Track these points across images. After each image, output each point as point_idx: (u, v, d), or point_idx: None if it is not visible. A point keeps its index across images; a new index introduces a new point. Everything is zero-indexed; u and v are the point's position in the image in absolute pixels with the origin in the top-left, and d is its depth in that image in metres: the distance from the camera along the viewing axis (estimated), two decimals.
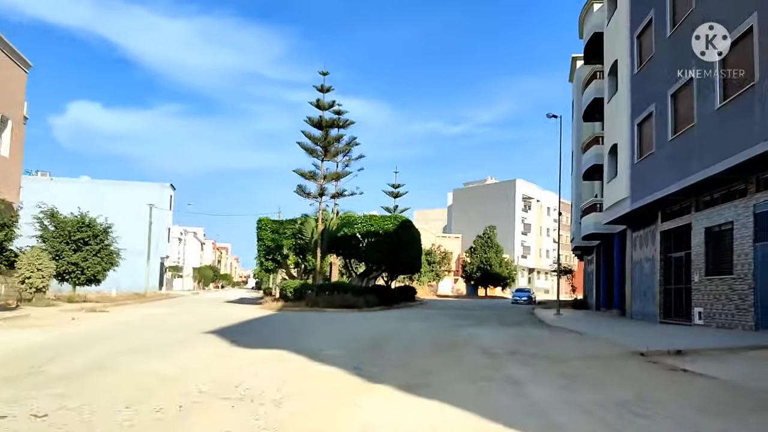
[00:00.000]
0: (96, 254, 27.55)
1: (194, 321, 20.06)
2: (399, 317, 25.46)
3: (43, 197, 56.98)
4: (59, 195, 57.43)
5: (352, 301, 29.85)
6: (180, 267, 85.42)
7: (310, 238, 32.16)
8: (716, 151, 15.90)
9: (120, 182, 58.59)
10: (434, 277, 73.45)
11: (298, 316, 23.82)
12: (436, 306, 41.90)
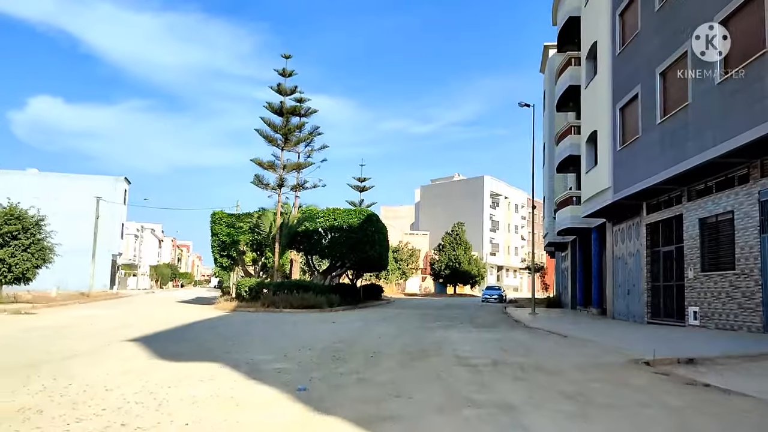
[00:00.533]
0: (25, 250, 24.74)
1: (127, 324, 17.61)
2: (363, 318, 23.36)
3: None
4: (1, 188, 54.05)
5: (313, 301, 27.64)
6: (136, 265, 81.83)
7: (267, 233, 29.80)
8: (717, 131, 14.17)
9: (70, 175, 55.20)
10: (402, 275, 71.57)
11: (251, 318, 21.52)
12: (403, 305, 39.90)
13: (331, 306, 29.63)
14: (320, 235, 31.71)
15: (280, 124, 28.68)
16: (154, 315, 22.74)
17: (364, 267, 36.52)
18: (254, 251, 33.48)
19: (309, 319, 21.96)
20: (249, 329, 16.72)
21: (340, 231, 31.40)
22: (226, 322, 19.37)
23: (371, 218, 32.03)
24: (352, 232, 31.10)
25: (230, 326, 17.77)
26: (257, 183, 28.24)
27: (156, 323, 18.35)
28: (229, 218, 32.46)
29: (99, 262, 55.01)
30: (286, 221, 30.08)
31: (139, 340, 12.98)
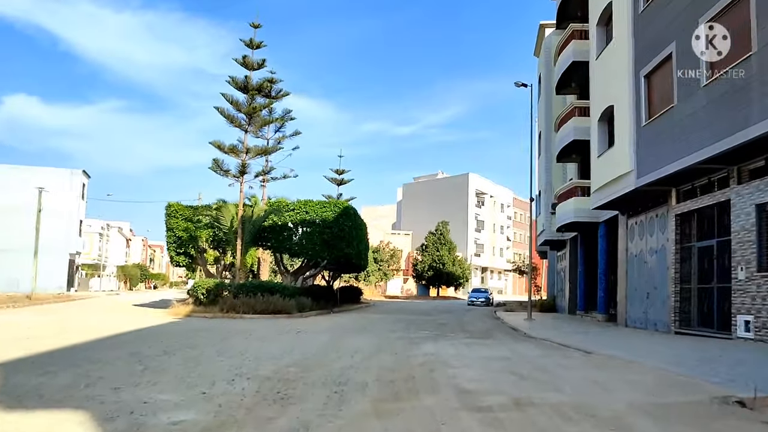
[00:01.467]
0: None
1: (35, 335, 13.82)
2: (336, 326, 19.73)
3: None
4: None
5: (280, 305, 23.93)
6: (101, 265, 77.25)
7: (228, 228, 26.04)
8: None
9: (19, 167, 50.79)
10: (382, 277, 67.96)
11: (198, 327, 17.76)
12: (384, 309, 36.31)
13: (302, 311, 25.95)
14: (290, 230, 28.00)
15: (244, 102, 24.85)
16: (88, 322, 18.91)
17: (340, 267, 32.86)
18: (215, 249, 29.65)
19: (270, 327, 18.26)
20: (184, 344, 13.00)
21: (312, 226, 27.73)
22: (164, 333, 15.61)
23: (348, 212, 28.40)
24: (327, 227, 27.45)
25: (163, 339, 14.02)
26: (216, 169, 24.43)
27: (76, 334, 14.61)
28: (186, 211, 28.60)
29: (54, 261, 50.78)
30: (250, 214, 26.34)
31: (8, 365, 9.22)
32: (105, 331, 15.48)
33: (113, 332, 15.36)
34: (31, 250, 50.00)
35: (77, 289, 55.78)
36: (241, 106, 24.50)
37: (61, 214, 51.60)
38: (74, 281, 55.87)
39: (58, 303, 33.70)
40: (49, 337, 13.55)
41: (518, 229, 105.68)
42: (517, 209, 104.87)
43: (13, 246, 45.29)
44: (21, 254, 48.74)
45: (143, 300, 38.54)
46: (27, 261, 49.55)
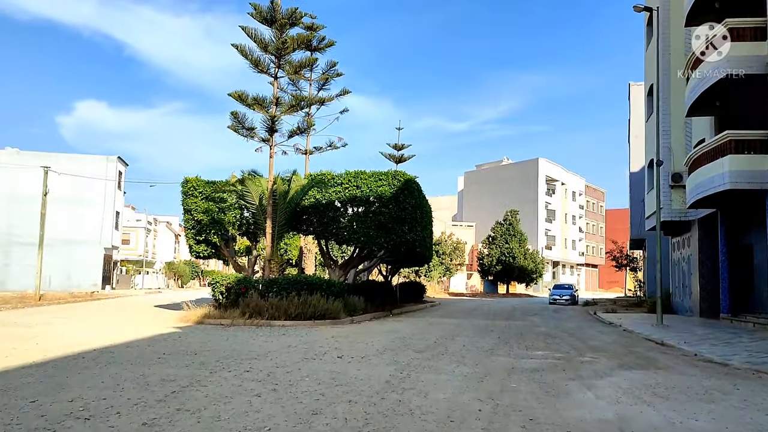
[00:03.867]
0: None
1: None
2: (399, 340, 13.42)
3: None
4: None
5: (323, 308, 17.89)
6: (149, 261, 73.62)
7: (257, 206, 20.13)
8: None
9: (53, 154, 46.58)
10: (445, 272, 61.29)
11: (186, 346, 11.76)
12: (454, 309, 29.86)
13: (353, 313, 19.89)
14: (337, 211, 21.87)
15: (272, 39, 18.68)
16: (55, 336, 13.25)
17: (400, 258, 26.55)
18: (245, 235, 23.80)
19: (299, 345, 12.12)
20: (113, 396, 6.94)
21: (365, 204, 21.52)
22: (118, 361, 9.63)
23: (410, 187, 22.05)
24: (384, 206, 21.20)
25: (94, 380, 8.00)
26: (236, 127, 18.36)
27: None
28: (207, 187, 22.79)
29: (87, 256, 46.52)
30: (285, 189, 20.36)
31: None
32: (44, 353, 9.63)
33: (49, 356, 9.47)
34: (64, 244, 46.02)
35: (115, 287, 51.52)
36: (267, 44, 18.43)
37: (94, 204, 47.28)
38: (112, 278, 51.59)
39: (72, 303, 28.72)
40: None
41: (591, 219, 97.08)
42: (589, 198, 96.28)
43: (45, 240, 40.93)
44: (54, 248, 44.61)
45: (174, 299, 33.22)
46: (60, 256, 45.52)
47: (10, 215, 44.79)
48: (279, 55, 18.62)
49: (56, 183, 44.01)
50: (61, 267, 45.40)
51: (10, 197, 45.00)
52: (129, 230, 70.15)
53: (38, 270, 27.33)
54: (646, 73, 29.13)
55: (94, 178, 46.66)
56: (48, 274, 44.44)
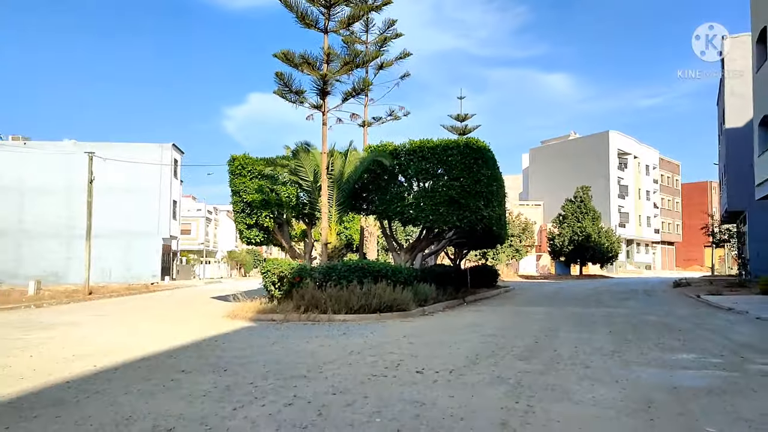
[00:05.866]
0: None
1: None
2: (490, 341, 10.63)
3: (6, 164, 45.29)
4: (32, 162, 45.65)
5: (390, 298, 15.28)
6: (210, 251, 73.15)
7: (311, 183, 17.65)
8: None
9: (108, 144, 45.70)
10: (514, 254, 57.77)
11: (237, 350, 9.35)
12: (534, 295, 26.81)
13: (423, 304, 17.22)
14: (401, 186, 19.17)
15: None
16: (92, 341, 11.17)
17: (472, 239, 23.63)
18: (300, 218, 21.42)
19: (364, 349, 9.51)
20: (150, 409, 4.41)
21: (433, 177, 18.74)
22: (112, 390, 7.24)
23: (485, 154, 19.09)
24: (454, 179, 18.35)
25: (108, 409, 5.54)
26: (282, 90, 15.82)
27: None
28: (257, 164, 20.41)
29: (145, 247, 45.61)
30: (342, 164, 17.80)
31: None
32: (18, 380, 7.35)
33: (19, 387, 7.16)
34: (123, 235, 45.16)
35: (175, 278, 50.66)
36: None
37: (151, 194, 46.27)
38: (171, 269, 50.73)
39: (124, 297, 27.26)
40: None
41: (666, 194, 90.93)
42: (663, 171, 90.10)
43: (102, 231, 40.10)
44: (113, 240, 43.95)
45: (232, 289, 31.36)
46: (119, 247, 44.78)
47: (70, 208, 44.17)
48: (328, 5, 15.94)
49: (112, 173, 43.19)
50: (121, 259, 44.69)
51: (70, 189, 44.35)
52: (189, 220, 69.72)
53: (86, 262, 25.87)
54: (755, 14, 24.96)
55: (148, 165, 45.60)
56: (108, 267, 43.88)
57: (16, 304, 19.41)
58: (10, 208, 44.54)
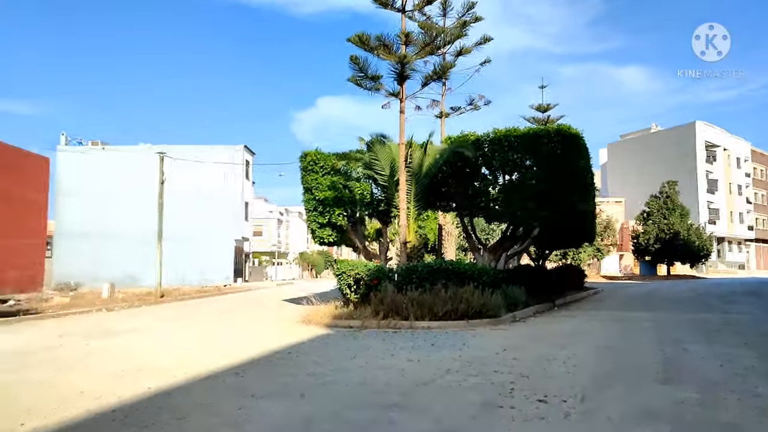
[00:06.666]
0: None
1: None
2: (604, 355, 8.93)
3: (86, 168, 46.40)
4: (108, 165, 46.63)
5: (478, 303, 13.72)
6: (282, 252, 73.31)
7: (387, 177, 16.31)
8: None
9: (181, 147, 46.01)
10: (595, 253, 54.73)
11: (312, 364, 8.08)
12: (624, 297, 24.59)
13: (513, 309, 15.54)
14: (485, 180, 17.57)
15: None
16: (123, 353, 10.24)
17: (558, 237, 21.65)
18: (375, 216, 20.11)
19: (462, 367, 8.03)
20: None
21: (521, 169, 17.05)
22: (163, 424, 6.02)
23: (577, 143, 17.27)
24: (545, 171, 16.58)
25: None
26: (357, 77, 14.52)
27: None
28: (330, 159, 19.24)
29: (218, 249, 45.66)
30: (421, 157, 16.38)
31: None
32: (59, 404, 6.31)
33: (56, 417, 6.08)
34: (195, 238, 45.44)
35: (248, 279, 50.65)
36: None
37: (222, 196, 46.31)
38: (244, 270, 50.74)
39: (196, 299, 26.87)
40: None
41: (760, 188, 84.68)
42: (756, 164, 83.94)
43: (176, 234, 40.33)
44: (186, 242, 44.15)
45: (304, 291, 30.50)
46: (192, 250, 44.97)
47: (146, 211, 44.69)
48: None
49: (185, 175, 43.39)
50: (195, 261, 44.84)
51: (147, 193, 44.87)
52: (261, 222, 70.05)
53: (158, 265, 25.58)
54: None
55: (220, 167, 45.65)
56: (182, 269, 44.06)
57: (88, 308, 19.02)
58: (91, 211, 45.53)
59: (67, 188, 45.89)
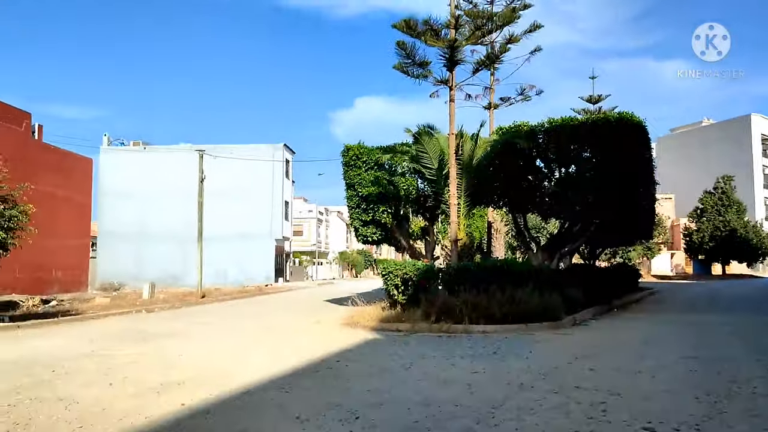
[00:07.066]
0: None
1: None
2: (703, 370, 7.71)
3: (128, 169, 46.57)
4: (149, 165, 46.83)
5: (538, 305, 12.65)
6: (322, 252, 72.94)
7: (436, 171, 15.29)
8: None
9: (221, 146, 45.78)
10: (645, 252, 52.63)
11: (365, 376, 7.17)
12: (683, 298, 23.20)
13: (572, 312, 14.43)
14: (539, 172, 16.44)
15: None
16: (154, 364, 9.52)
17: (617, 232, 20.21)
18: (421, 213, 19.13)
19: (535, 379, 7.00)
20: None
21: (579, 162, 15.87)
22: None
23: (641, 131, 16.00)
24: (605, 162, 15.36)
25: None
26: (404, 64, 13.53)
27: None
28: (373, 153, 18.32)
29: (258, 249, 45.29)
30: (471, 149, 15.36)
31: None
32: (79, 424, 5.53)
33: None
34: (237, 237, 45.16)
35: (288, 279, 50.23)
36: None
37: (263, 195, 45.94)
38: (284, 270, 50.34)
39: (237, 300, 26.35)
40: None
41: None
42: None
43: (217, 233, 40.11)
44: (227, 242, 43.93)
45: (346, 291, 29.74)
46: (234, 250, 44.72)
47: (188, 211, 44.66)
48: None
49: (225, 175, 43.10)
50: (236, 260, 44.53)
51: (188, 192, 44.80)
52: (301, 221, 69.75)
53: (198, 264, 25.12)
54: None
55: (260, 166, 45.25)
56: (223, 269, 43.85)
57: (127, 309, 18.57)
58: (133, 211, 45.63)
59: (110, 188, 46.15)
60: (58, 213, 33.32)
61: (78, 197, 37.02)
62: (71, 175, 35.89)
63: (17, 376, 7.39)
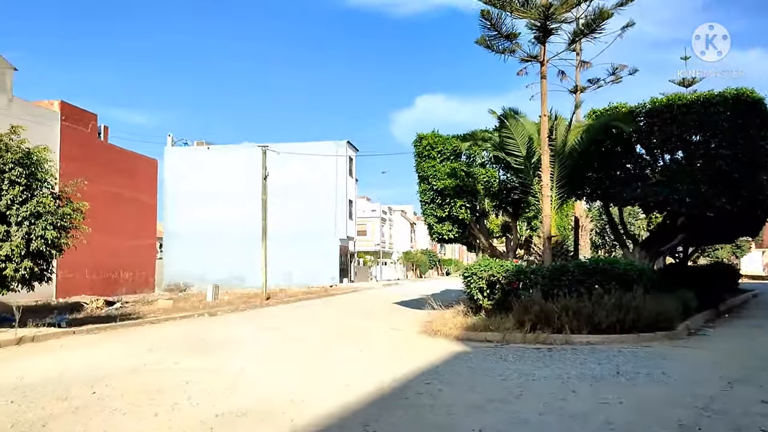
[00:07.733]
0: (24, 203, 11.81)
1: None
2: None
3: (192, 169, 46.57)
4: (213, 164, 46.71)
5: (651, 312, 10.78)
6: (386, 252, 71.72)
7: (523, 160, 13.54)
8: None
9: (285, 144, 45.06)
10: (735, 250, 48.90)
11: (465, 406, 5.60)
12: None
13: (686, 316, 12.52)
14: (641, 160, 14.45)
15: None
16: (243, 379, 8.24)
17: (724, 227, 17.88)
18: (502, 208, 17.37)
19: (688, 416, 5.25)
20: None
21: (687, 146, 13.83)
22: None
23: (760, 110, 13.81)
24: (721, 146, 13.27)
25: None
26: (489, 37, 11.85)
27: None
28: (449, 142, 16.69)
29: (322, 249, 44.31)
30: (564, 135, 13.57)
31: None
32: None
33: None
34: (301, 237, 44.35)
35: (353, 280, 49.14)
36: None
37: (327, 194, 44.96)
38: (349, 271, 49.28)
39: (303, 301, 25.31)
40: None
41: None
42: None
43: (282, 233, 39.29)
44: (292, 242, 43.05)
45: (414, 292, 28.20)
46: (298, 249, 43.86)
47: (252, 211, 44.16)
48: None
49: (289, 173, 42.36)
50: (301, 261, 43.66)
51: (251, 192, 44.30)
52: (364, 221, 68.72)
53: (263, 265, 24.13)
54: None
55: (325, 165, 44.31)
56: (289, 269, 43.03)
57: (190, 312, 17.66)
58: (197, 211, 45.52)
59: (174, 189, 46.22)
60: (124, 214, 33.29)
61: (144, 198, 36.98)
62: (137, 176, 35.82)
63: (50, 401, 6.21)
